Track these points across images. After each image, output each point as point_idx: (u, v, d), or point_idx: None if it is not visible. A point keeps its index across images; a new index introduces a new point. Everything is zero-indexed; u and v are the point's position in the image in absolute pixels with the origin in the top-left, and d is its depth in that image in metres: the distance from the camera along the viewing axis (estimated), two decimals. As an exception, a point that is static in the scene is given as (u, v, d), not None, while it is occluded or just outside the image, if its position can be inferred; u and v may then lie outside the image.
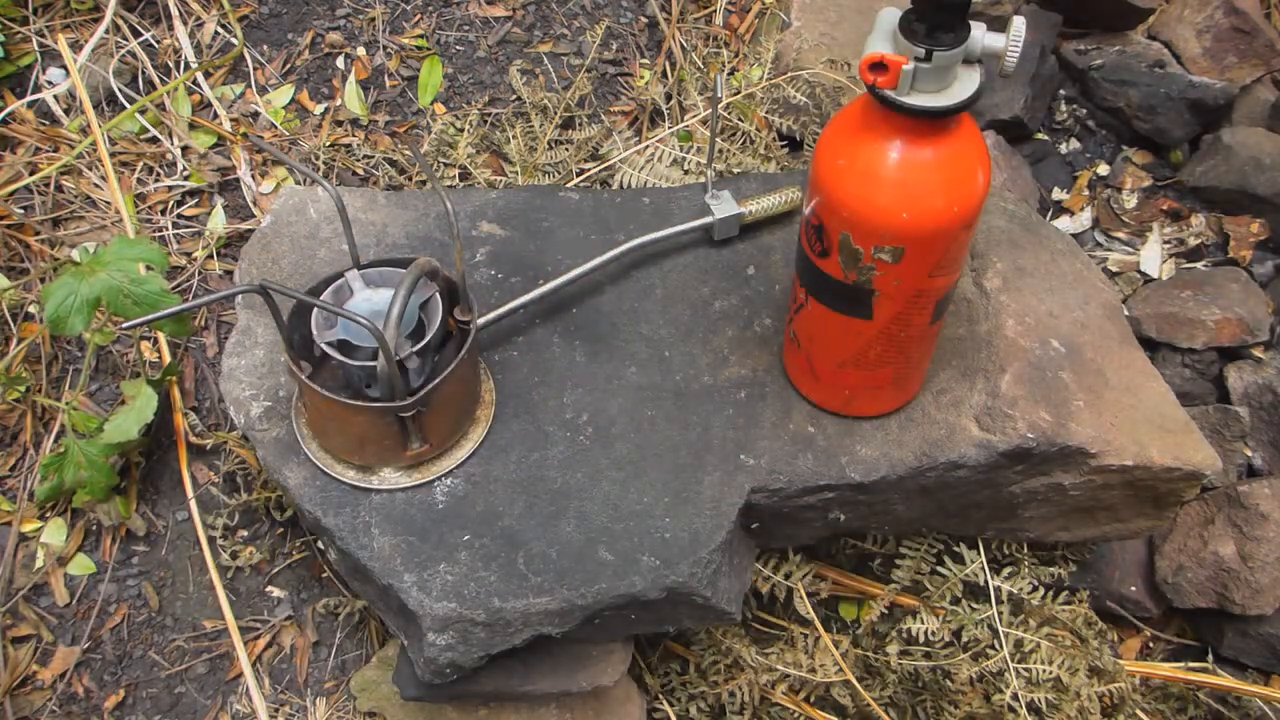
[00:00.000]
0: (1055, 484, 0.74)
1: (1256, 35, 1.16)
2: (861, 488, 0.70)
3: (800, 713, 0.85)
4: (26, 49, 1.08)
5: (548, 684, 0.75)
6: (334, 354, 0.59)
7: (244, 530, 0.91)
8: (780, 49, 1.06)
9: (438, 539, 0.66)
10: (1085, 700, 0.81)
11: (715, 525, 0.67)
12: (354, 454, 0.67)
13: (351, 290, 0.63)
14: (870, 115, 0.55)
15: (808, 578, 0.83)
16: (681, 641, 0.88)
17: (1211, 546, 0.91)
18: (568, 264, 0.79)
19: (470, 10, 1.15)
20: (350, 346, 0.60)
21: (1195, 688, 0.90)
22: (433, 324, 0.61)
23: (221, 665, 0.88)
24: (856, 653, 0.87)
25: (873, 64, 0.51)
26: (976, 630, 0.83)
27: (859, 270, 0.58)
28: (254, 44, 1.11)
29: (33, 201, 1.02)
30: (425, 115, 1.10)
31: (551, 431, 0.71)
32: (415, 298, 0.61)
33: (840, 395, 0.70)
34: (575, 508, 0.67)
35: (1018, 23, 0.52)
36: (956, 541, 0.84)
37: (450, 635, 0.64)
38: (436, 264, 0.60)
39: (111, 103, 1.07)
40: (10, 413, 0.94)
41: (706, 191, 0.80)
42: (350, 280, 0.63)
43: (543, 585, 0.64)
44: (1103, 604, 0.95)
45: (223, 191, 1.05)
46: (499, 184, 1.02)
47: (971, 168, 0.56)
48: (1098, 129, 1.19)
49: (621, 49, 1.15)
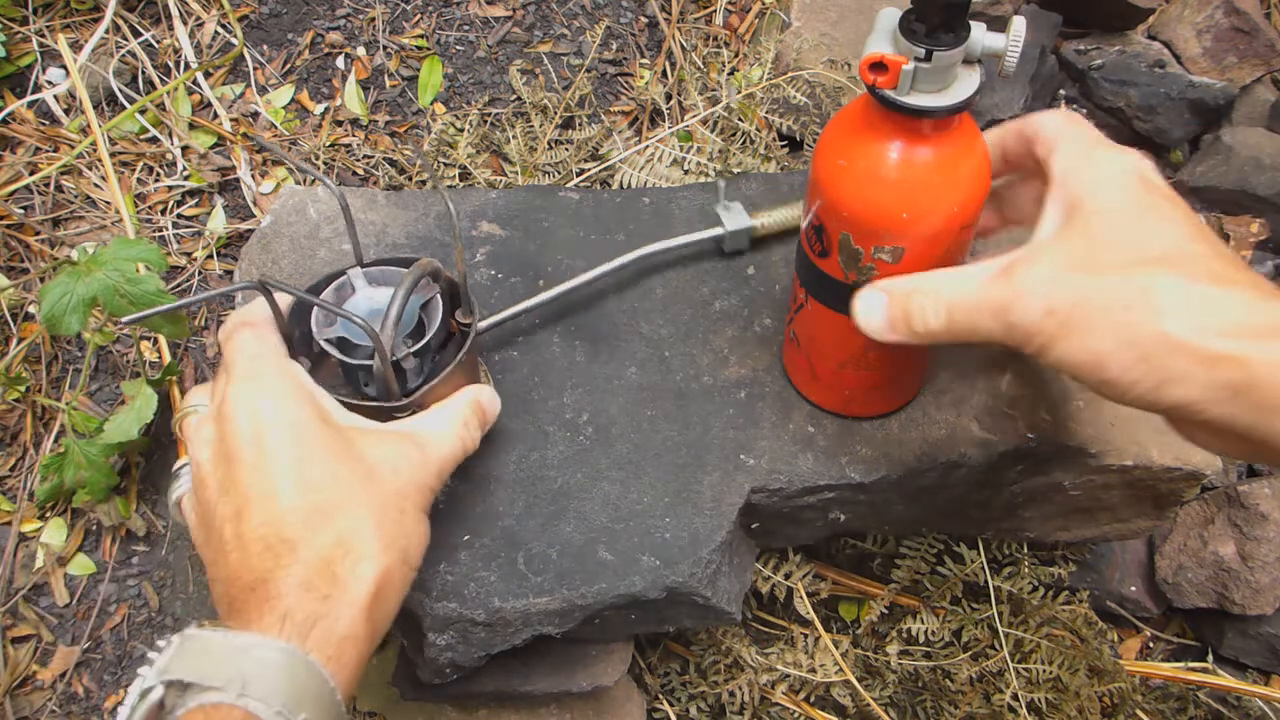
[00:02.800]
0: (1055, 484, 0.74)
1: (1256, 35, 1.16)
2: (861, 488, 0.70)
3: (800, 713, 0.85)
4: (26, 49, 1.08)
5: (548, 684, 0.75)
6: (332, 351, 0.59)
7: (244, 530, 0.91)
8: (780, 49, 1.06)
9: (437, 539, 0.66)
10: (1085, 700, 0.81)
11: (715, 525, 0.67)
12: None
13: (353, 288, 0.63)
14: (870, 115, 0.55)
15: (808, 578, 0.84)
16: (681, 641, 0.88)
17: (1211, 546, 0.91)
18: (567, 264, 0.79)
19: (470, 10, 1.15)
20: (350, 345, 0.60)
21: (1195, 688, 0.90)
22: (432, 325, 0.61)
23: (221, 665, 0.88)
24: (856, 653, 0.87)
25: (873, 64, 0.51)
26: (976, 630, 0.83)
27: (859, 270, 0.58)
28: (254, 44, 1.11)
29: (33, 201, 1.02)
30: (425, 115, 1.09)
31: (551, 431, 0.71)
32: (416, 298, 0.61)
33: (840, 395, 0.70)
34: (575, 508, 0.67)
35: (1018, 23, 0.52)
36: (956, 541, 0.84)
37: (450, 635, 0.64)
38: (439, 265, 0.60)
39: (111, 103, 1.07)
40: (10, 413, 0.94)
41: (718, 201, 0.79)
42: (353, 278, 0.63)
43: (543, 585, 0.64)
44: (1103, 604, 0.95)
45: (223, 191, 1.05)
46: (499, 184, 1.02)
47: (971, 168, 0.56)
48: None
49: (621, 49, 1.15)
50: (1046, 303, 0.47)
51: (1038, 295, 0.48)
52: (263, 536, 0.49)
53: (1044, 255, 0.49)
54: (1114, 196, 0.49)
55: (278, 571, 0.48)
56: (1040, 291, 0.48)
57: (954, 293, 0.52)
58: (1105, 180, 0.50)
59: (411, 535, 0.53)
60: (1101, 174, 0.51)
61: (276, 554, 0.48)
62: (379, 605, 0.50)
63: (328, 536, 0.49)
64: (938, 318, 0.52)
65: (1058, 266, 0.48)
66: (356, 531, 0.50)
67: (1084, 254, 0.48)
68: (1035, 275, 0.49)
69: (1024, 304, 0.48)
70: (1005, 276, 0.49)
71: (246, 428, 0.51)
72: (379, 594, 0.50)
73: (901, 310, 0.54)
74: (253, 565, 0.48)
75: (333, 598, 0.48)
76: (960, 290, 0.51)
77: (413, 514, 0.54)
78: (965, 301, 0.51)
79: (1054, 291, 0.48)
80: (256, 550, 0.49)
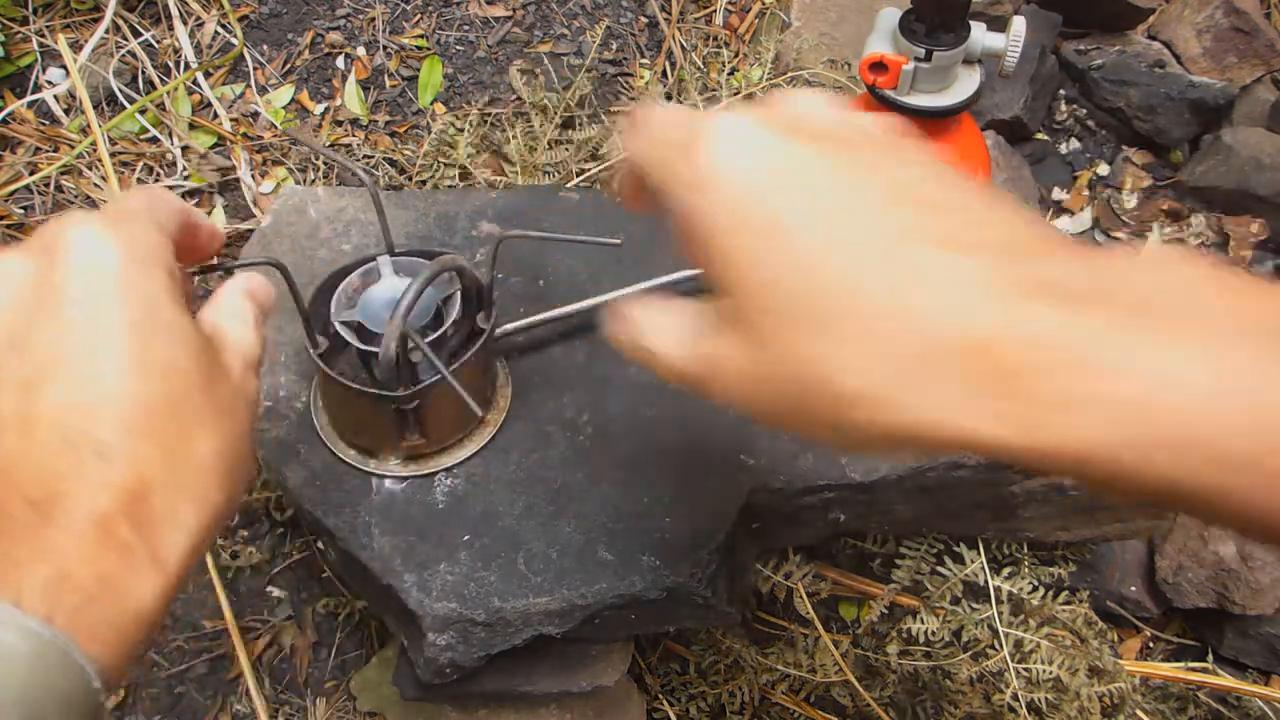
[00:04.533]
0: (1055, 484, 0.74)
1: (1256, 35, 1.16)
2: (862, 488, 0.70)
3: (800, 713, 0.85)
4: (26, 49, 1.08)
5: (548, 684, 0.75)
6: (346, 334, 0.59)
7: (244, 530, 0.91)
8: (780, 49, 1.06)
9: (438, 539, 0.66)
10: (1085, 700, 0.81)
11: (715, 525, 0.67)
12: (355, 435, 0.68)
13: (380, 274, 0.63)
14: (870, 115, 0.55)
15: (808, 578, 0.84)
16: (681, 641, 0.88)
17: (1211, 546, 0.91)
18: (567, 264, 0.78)
19: (470, 10, 1.15)
20: (368, 333, 0.60)
21: (1195, 688, 0.90)
22: (446, 322, 0.61)
23: (221, 665, 0.88)
24: (856, 653, 0.87)
25: (873, 64, 0.51)
26: (976, 630, 0.83)
27: (859, 270, 0.58)
28: (254, 44, 1.11)
29: (33, 201, 1.02)
30: (425, 115, 1.10)
31: (551, 431, 0.70)
32: (435, 292, 0.62)
33: (840, 395, 0.70)
34: (575, 508, 0.67)
35: (1018, 23, 0.52)
36: (956, 541, 0.84)
37: (450, 635, 0.64)
38: (464, 262, 0.61)
39: (111, 103, 1.07)
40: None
41: None
42: (380, 264, 0.63)
43: (543, 585, 0.64)
44: (1103, 604, 0.95)
45: (223, 191, 1.05)
46: (499, 184, 1.02)
47: (971, 168, 0.56)
48: (1098, 129, 1.19)
49: (621, 49, 1.15)
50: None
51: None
52: (65, 425, 0.33)
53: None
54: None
55: (76, 484, 0.33)
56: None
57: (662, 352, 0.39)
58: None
59: (248, 464, 0.40)
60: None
61: (79, 457, 0.33)
62: (185, 570, 0.35)
63: (155, 450, 0.35)
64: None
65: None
66: (195, 446, 0.36)
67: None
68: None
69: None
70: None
71: (88, 269, 0.36)
72: (194, 553, 0.36)
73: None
74: (39, 463, 0.33)
75: (135, 552, 0.33)
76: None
77: (249, 444, 0.41)
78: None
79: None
80: (49, 442, 0.33)
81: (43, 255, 0.37)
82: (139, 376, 0.35)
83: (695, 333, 0.37)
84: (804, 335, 0.31)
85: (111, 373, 0.35)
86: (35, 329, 0.35)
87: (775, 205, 0.32)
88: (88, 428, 0.34)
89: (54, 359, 0.34)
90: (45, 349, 0.35)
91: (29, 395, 0.34)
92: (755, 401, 0.34)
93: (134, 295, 0.36)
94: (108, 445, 0.34)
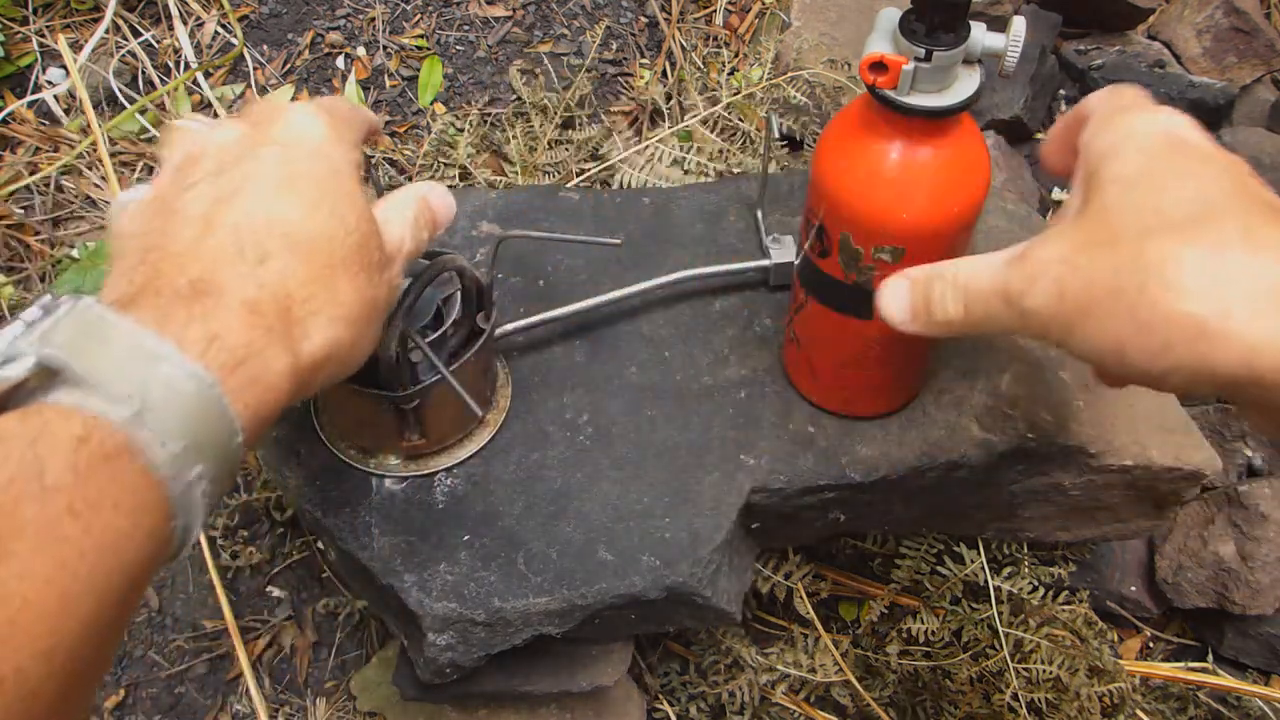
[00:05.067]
0: (1055, 484, 0.74)
1: (1256, 35, 1.16)
2: (862, 488, 0.70)
3: (800, 713, 0.85)
4: (26, 49, 1.08)
5: (548, 684, 0.75)
6: None
7: (244, 530, 0.91)
8: (780, 49, 1.07)
9: (438, 539, 0.66)
10: (1085, 700, 0.81)
11: (715, 525, 0.67)
12: (355, 435, 0.68)
13: None
14: (870, 115, 0.55)
15: (808, 578, 0.84)
16: (681, 641, 0.88)
17: (1211, 546, 0.91)
18: (567, 264, 0.79)
19: (470, 10, 1.15)
20: None
21: (1195, 688, 0.90)
22: (446, 322, 0.61)
23: (221, 665, 0.88)
24: (856, 653, 0.87)
25: (873, 64, 0.51)
26: (976, 630, 0.83)
27: (859, 270, 0.58)
28: (254, 44, 1.11)
29: (33, 201, 1.02)
30: (425, 115, 1.10)
31: (551, 431, 0.71)
32: (435, 292, 0.62)
33: (840, 395, 0.70)
34: (575, 508, 0.67)
35: (1018, 23, 0.52)
36: (956, 541, 0.84)
37: (450, 635, 0.64)
38: (465, 262, 0.61)
39: (111, 103, 1.07)
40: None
41: (762, 234, 0.78)
42: None
43: (543, 585, 0.64)
44: (1103, 604, 0.95)
45: (223, 191, 1.05)
46: (499, 184, 1.02)
47: (971, 168, 0.56)
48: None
49: (621, 49, 1.15)
50: (1058, 286, 0.42)
51: (1049, 279, 0.43)
52: (240, 232, 0.40)
53: (1058, 236, 0.44)
54: (1131, 161, 0.44)
55: (234, 278, 0.39)
56: (1051, 275, 0.43)
57: (970, 279, 0.47)
58: (1122, 144, 0.45)
59: (374, 332, 0.47)
60: (1118, 138, 0.45)
61: (242, 256, 0.40)
62: (313, 373, 0.42)
63: (306, 273, 0.41)
64: (956, 305, 0.48)
65: (1071, 246, 0.43)
66: (338, 286, 0.42)
67: (1098, 229, 0.42)
68: (1047, 257, 0.43)
69: (1036, 289, 0.43)
70: (1019, 261, 0.45)
71: (297, 131, 0.45)
72: (322, 361, 0.42)
73: (923, 298, 0.50)
74: (210, 255, 0.39)
75: (275, 333, 0.39)
76: (976, 276, 0.47)
77: (382, 314, 0.48)
78: (981, 288, 0.46)
79: (1065, 274, 0.42)
80: (223, 243, 0.40)
81: (259, 120, 0.45)
82: (310, 216, 0.42)
83: (1001, 260, 0.46)
84: (1168, 243, 0.40)
85: (289, 206, 0.42)
86: (240, 162, 0.43)
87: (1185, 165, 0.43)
88: (259, 240, 0.40)
89: (246, 182, 0.42)
90: (242, 176, 0.42)
91: (217, 205, 0.41)
92: (1080, 302, 0.42)
93: (326, 161, 0.45)
94: (270, 254, 0.40)
